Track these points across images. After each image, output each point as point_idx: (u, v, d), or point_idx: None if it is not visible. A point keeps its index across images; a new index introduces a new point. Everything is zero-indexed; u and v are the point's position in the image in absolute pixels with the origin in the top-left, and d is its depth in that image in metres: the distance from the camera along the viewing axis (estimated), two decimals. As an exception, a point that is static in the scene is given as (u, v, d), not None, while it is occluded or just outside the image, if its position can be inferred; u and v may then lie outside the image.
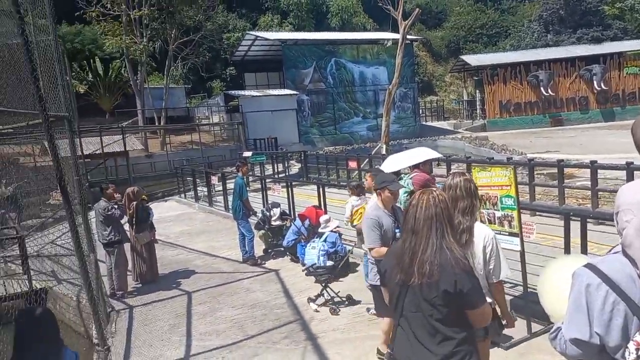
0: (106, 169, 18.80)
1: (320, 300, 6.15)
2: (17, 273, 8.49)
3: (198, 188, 15.04)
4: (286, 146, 27.62)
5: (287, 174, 18.53)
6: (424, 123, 39.86)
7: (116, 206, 7.17)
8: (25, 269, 7.98)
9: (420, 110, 40.75)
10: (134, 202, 7.41)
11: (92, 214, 7.72)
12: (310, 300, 6.23)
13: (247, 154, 19.14)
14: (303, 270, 7.04)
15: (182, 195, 16.28)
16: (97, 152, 17.66)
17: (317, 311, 5.98)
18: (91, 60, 30.10)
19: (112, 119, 28.66)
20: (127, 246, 7.46)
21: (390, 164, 6.23)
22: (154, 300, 6.93)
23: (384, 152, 15.04)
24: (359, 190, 6.85)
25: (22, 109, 5.44)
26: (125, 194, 7.56)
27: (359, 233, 5.54)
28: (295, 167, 21.43)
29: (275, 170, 19.30)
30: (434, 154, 6.41)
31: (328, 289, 6.15)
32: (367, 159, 14.98)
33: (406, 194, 5.82)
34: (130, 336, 5.81)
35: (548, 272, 1.96)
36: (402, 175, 5.99)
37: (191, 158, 24.52)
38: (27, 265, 7.87)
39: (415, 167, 6.17)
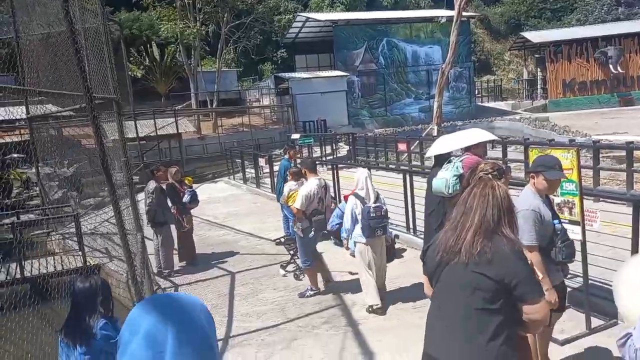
0: (160, 150, 19.38)
1: (291, 267, 6.98)
2: (74, 249, 8.89)
3: (246, 170, 15.18)
4: (335, 128, 27.40)
5: (335, 156, 18.36)
6: (479, 104, 38.29)
7: (190, 189, 7.58)
8: (80, 246, 8.32)
9: (476, 91, 39.17)
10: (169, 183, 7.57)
11: (141, 194, 7.92)
12: (282, 267, 7.07)
13: (296, 136, 19.11)
14: (351, 254, 6.88)
15: (232, 176, 16.51)
16: (151, 134, 18.20)
17: (285, 276, 6.84)
18: (148, 46, 31.00)
19: (167, 102, 29.50)
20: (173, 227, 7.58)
21: (440, 146, 5.89)
22: (198, 279, 7.02)
23: (435, 133, 14.49)
24: (298, 176, 6.78)
25: (74, 92, 5.57)
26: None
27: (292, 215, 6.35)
28: (343, 150, 21.20)
29: (324, 152, 19.17)
30: (488, 136, 5.98)
31: (295, 258, 6.80)
32: (417, 141, 14.51)
33: (455, 178, 5.48)
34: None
35: (628, 270, 1.68)
36: (452, 158, 5.64)
37: (241, 140, 24.85)
38: (82, 242, 8.20)
39: (467, 149, 5.80)
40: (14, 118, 14.55)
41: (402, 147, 14.40)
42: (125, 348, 1.10)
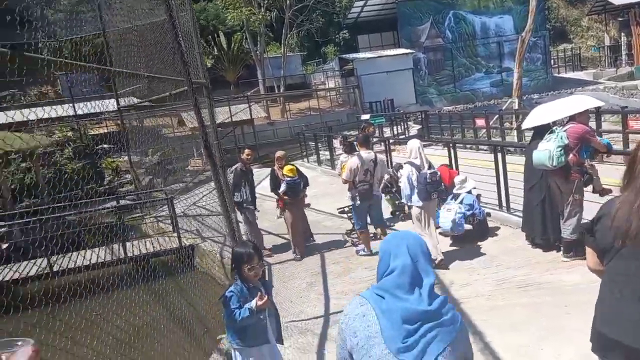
0: (235, 136, 19.95)
1: (354, 234, 7.52)
2: (168, 231, 9.41)
3: (320, 152, 15.27)
4: (403, 107, 26.85)
5: (406, 135, 18.01)
6: (556, 75, 35.97)
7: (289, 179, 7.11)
8: (175, 228, 8.79)
9: (552, 61, 36.77)
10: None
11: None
12: (345, 234, 7.88)
13: (365, 116, 18.93)
14: (440, 234, 6.76)
15: (305, 159, 16.68)
16: (226, 121, 18.76)
17: (347, 242, 7.56)
18: (215, 35, 31.82)
19: (236, 90, 30.24)
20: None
21: (540, 116, 5.57)
22: (289, 259, 7.16)
23: (516, 107, 13.76)
24: (350, 149, 7.64)
25: (175, 77, 5.83)
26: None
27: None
28: (413, 129, 20.75)
29: (394, 132, 18.87)
30: (594, 102, 5.60)
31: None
32: (496, 116, 13.87)
33: (560, 149, 5.17)
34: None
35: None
36: (555, 128, 5.32)
37: (310, 124, 25.00)
38: (177, 224, 8.65)
39: (571, 118, 5.45)
40: (105, 110, 15.51)
41: (480, 122, 13.83)
42: (394, 258, 1.81)
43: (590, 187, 5.56)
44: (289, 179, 7.02)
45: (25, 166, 15.58)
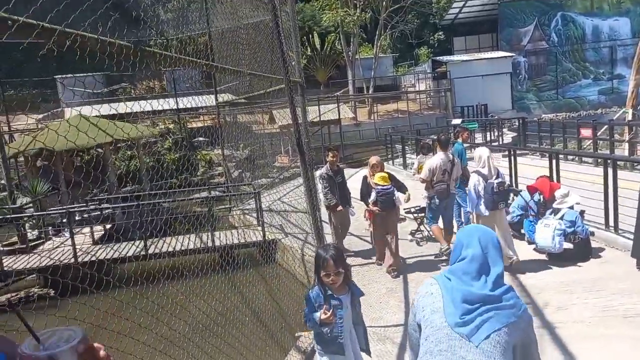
0: (322, 135, 20.18)
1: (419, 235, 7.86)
2: (253, 224, 9.71)
3: (407, 155, 14.96)
4: (497, 113, 25.51)
5: (499, 143, 17.06)
6: (678, 84, 32.18)
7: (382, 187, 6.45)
8: (260, 221, 9.03)
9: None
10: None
11: (317, 172, 8.21)
12: (411, 233, 7.99)
13: (456, 121, 18.26)
14: (534, 250, 6.29)
15: (391, 162, 16.44)
16: (314, 120, 19.04)
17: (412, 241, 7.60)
18: (310, 36, 32.46)
19: (326, 90, 30.61)
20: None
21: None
22: (369, 262, 7.05)
23: (629, 118, 12.45)
24: (426, 150, 8.40)
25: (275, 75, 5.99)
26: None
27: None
28: (507, 136, 19.62)
29: (487, 139, 17.97)
30: None
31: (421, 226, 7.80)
32: (605, 126, 12.66)
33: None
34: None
35: None
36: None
37: (396, 126, 24.64)
38: (262, 218, 8.89)
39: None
40: (204, 106, 16.40)
41: (585, 133, 12.70)
42: (466, 247, 1.96)
43: None
44: (380, 187, 6.32)
45: (130, 154, 16.97)
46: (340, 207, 7.18)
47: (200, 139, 18.54)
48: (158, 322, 3.84)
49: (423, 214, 7.77)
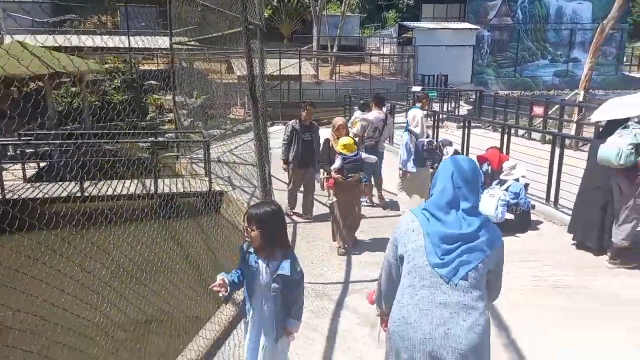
0: (280, 91, 19.66)
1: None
2: (200, 174, 9.36)
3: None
4: (456, 85, 25.77)
5: (456, 113, 17.25)
6: (626, 73, 33.54)
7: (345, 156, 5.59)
8: (207, 172, 8.71)
9: (625, 58, 34.25)
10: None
11: (271, 129, 7.92)
12: None
13: (417, 88, 18.22)
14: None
15: (349, 124, 16.27)
16: (274, 73, 18.46)
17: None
18: (276, -16, 31.16)
19: (289, 45, 29.72)
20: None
21: (615, 109, 5.02)
22: (317, 221, 6.94)
23: (580, 99, 12.78)
24: (364, 107, 8.25)
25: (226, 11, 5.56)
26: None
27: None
28: (463, 108, 19.88)
29: (444, 109, 18.11)
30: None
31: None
32: (556, 106, 12.98)
33: (631, 147, 4.65)
34: (293, 249, 5.90)
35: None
36: (630, 124, 4.77)
37: (357, 89, 24.40)
38: (209, 169, 8.56)
39: (647, 115, 4.88)
40: (158, 47, 15.45)
41: (537, 110, 12.98)
42: (440, 180, 2.11)
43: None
44: (346, 155, 5.48)
45: (74, 91, 15.89)
46: (285, 165, 6.91)
47: (152, 82, 17.59)
48: (79, 269, 3.58)
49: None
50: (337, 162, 5.51)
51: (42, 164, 9.57)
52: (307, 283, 4.86)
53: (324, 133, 6.87)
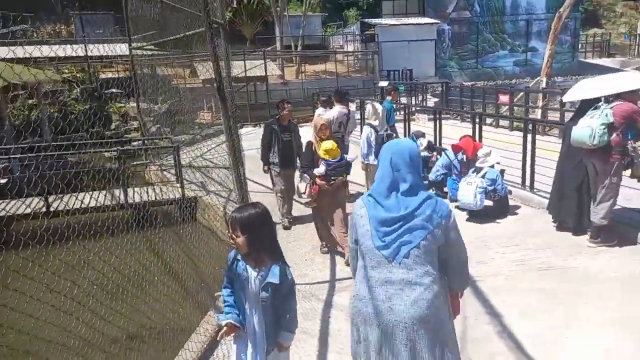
0: (247, 93, 19.40)
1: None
2: (171, 181, 9.09)
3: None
4: (421, 79, 26.04)
5: (424, 106, 17.40)
6: (581, 59, 34.69)
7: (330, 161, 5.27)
8: (179, 178, 8.45)
9: (580, 45, 35.41)
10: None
11: (241, 131, 7.73)
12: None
13: (383, 83, 18.28)
14: (456, 207, 6.39)
15: (317, 122, 16.18)
16: (240, 75, 18.20)
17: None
18: (235, -13, 30.76)
19: (253, 47, 29.41)
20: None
21: (587, 90, 5.09)
22: (297, 221, 6.80)
23: (544, 85, 13.10)
24: (326, 104, 8.27)
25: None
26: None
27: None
28: (431, 101, 20.09)
29: (412, 103, 18.24)
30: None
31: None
32: (521, 93, 13.26)
33: (604, 127, 4.72)
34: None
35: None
36: (600, 105, 4.85)
37: (324, 87, 24.34)
38: (181, 174, 8.31)
39: (617, 96, 4.96)
40: (117, 55, 14.97)
41: (503, 98, 13.22)
42: (380, 167, 2.23)
43: (628, 172, 5.13)
44: (330, 161, 5.12)
45: (32, 103, 15.24)
46: (266, 167, 6.57)
47: (114, 90, 17.05)
48: (47, 290, 3.35)
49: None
50: (321, 169, 5.20)
51: (2, 181, 9.09)
52: (293, 284, 4.76)
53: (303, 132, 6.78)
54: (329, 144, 5.17)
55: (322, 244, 5.62)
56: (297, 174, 6.49)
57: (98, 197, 8.24)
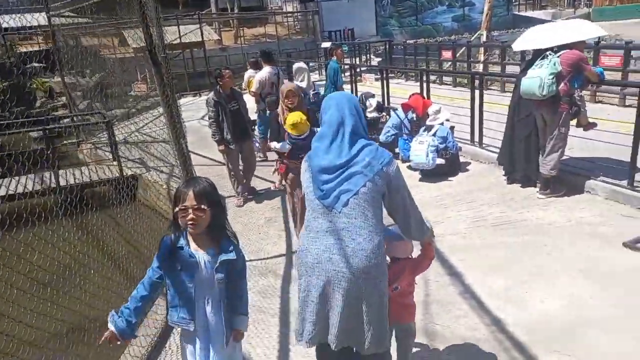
0: (184, 60, 18.37)
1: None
2: (107, 159, 8.45)
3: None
4: (363, 39, 25.72)
5: (370, 66, 17.19)
6: (516, 12, 35.43)
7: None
8: (115, 155, 7.86)
9: (513, -2, 36.11)
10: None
11: (180, 101, 7.23)
12: None
13: (326, 44, 17.84)
14: (408, 167, 6.29)
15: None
16: (175, 42, 17.13)
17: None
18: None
19: (185, 10, 27.80)
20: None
21: (537, 39, 4.99)
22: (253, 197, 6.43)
23: (484, 39, 13.18)
24: (255, 66, 8.23)
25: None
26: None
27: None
28: (374, 61, 19.89)
29: (355, 63, 17.97)
30: (600, 31, 5.05)
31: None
32: (463, 48, 13.28)
33: (552, 77, 4.66)
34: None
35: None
36: (547, 53, 4.78)
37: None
38: (117, 152, 7.72)
39: (563, 45, 4.91)
40: (34, 25, 13.54)
41: (446, 54, 13.21)
42: (324, 113, 2.28)
43: (574, 121, 5.18)
44: (296, 137, 4.29)
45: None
46: (222, 147, 5.87)
47: (35, 64, 15.62)
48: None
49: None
50: (284, 145, 4.44)
51: None
52: (248, 261, 4.49)
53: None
54: (296, 117, 4.21)
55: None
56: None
57: (26, 181, 7.53)
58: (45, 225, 4.70)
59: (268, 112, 6.57)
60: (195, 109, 13.00)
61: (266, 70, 7.32)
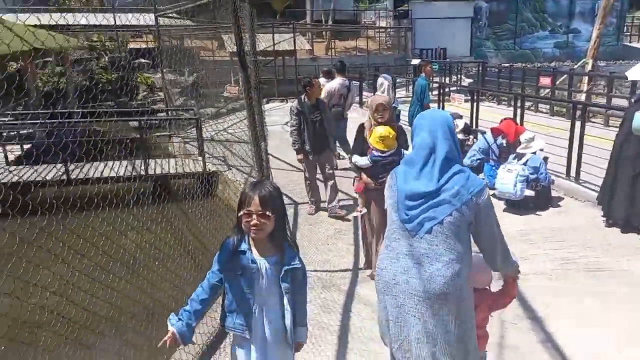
0: (275, 67, 18.95)
1: None
2: (193, 154, 8.83)
3: (364, 93, 14.27)
4: (455, 59, 25.04)
5: (460, 86, 16.66)
6: (626, 43, 32.76)
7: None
8: (201, 151, 8.18)
9: (625, 28, 33.42)
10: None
11: (267, 106, 7.38)
12: None
13: (416, 61, 17.58)
14: (492, 195, 5.91)
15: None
16: (268, 49, 17.73)
17: None
18: (267, -43, 29.97)
19: (282, 20, 28.78)
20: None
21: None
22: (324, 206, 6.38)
23: (589, 68, 12.22)
24: (328, 75, 8.43)
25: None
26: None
27: None
28: (465, 82, 19.27)
29: (445, 82, 17.50)
30: None
31: None
32: (564, 76, 12.42)
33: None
34: (295, 232, 5.44)
35: None
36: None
37: (354, 64, 23.67)
38: (202, 148, 8.03)
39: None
40: (145, 24, 14.65)
41: (544, 81, 12.43)
42: (416, 134, 2.21)
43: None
44: (377, 153, 3.93)
45: (60, 70, 15.18)
46: (301, 155, 5.77)
47: (142, 60, 16.87)
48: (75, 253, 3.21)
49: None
50: (364, 159, 4.03)
51: (25, 146, 9.01)
52: (312, 271, 4.42)
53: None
54: (384, 131, 3.86)
55: (365, 265, 4.49)
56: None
57: (119, 167, 8.06)
58: (128, 208, 4.97)
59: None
60: (281, 114, 13.29)
61: (337, 81, 7.38)
